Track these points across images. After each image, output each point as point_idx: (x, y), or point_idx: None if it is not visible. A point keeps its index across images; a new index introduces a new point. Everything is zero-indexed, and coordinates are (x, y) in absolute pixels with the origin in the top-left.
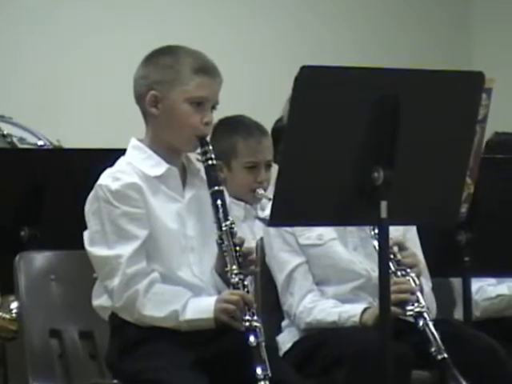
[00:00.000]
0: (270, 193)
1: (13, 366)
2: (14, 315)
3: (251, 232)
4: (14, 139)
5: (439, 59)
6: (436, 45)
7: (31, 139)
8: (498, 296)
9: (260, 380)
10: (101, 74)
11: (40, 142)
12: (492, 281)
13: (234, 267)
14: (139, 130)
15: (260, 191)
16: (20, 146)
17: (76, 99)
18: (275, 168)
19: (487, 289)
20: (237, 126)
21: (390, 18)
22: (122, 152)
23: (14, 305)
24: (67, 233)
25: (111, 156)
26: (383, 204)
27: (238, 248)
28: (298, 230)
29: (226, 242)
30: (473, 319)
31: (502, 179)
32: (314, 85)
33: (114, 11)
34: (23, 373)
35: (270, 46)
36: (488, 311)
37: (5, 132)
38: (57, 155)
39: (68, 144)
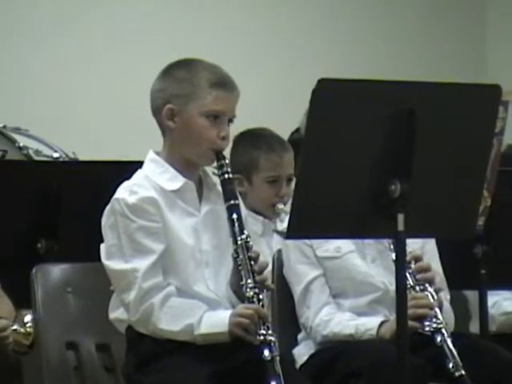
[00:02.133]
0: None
1: (28, 378)
2: (28, 329)
3: (269, 247)
4: (30, 151)
5: (454, 72)
6: (450, 57)
7: (47, 151)
8: None
9: None
10: (117, 87)
11: (56, 155)
12: (507, 295)
13: (249, 281)
14: (155, 142)
15: (280, 206)
16: (36, 158)
17: (92, 112)
18: None
19: (503, 303)
20: (259, 139)
21: (403, 31)
22: (138, 164)
23: (27, 318)
24: (84, 245)
25: (128, 168)
26: (400, 217)
27: (253, 262)
28: (315, 242)
29: (241, 256)
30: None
31: None
32: (331, 97)
33: (130, 25)
34: None
35: (285, 58)
36: (504, 326)
37: (21, 144)
38: (73, 167)
39: (83, 156)
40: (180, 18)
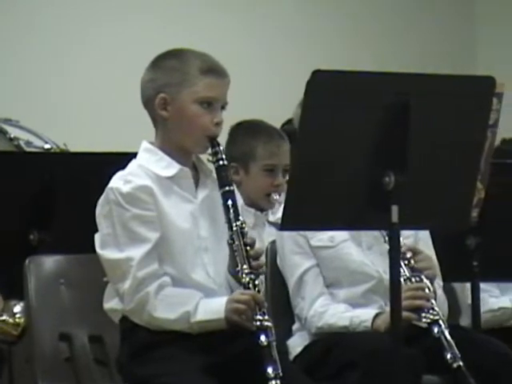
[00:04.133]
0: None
1: (18, 369)
2: (17, 320)
3: (260, 239)
4: (21, 142)
5: (443, 65)
6: (440, 50)
7: (38, 142)
8: (500, 309)
9: (271, 379)
10: (108, 78)
11: (47, 146)
12: (496, 292)
13: (245, 267)
14: (145, 133)
15: (275, 196)
16: (27, 149)
17: (82, 103)
18: None
19: (489, 300)
20: (257, 129)
21: (396, 19)
22: (131, 156)
23: (17, 309)
24: (76, 236)
25: (122, 159)
26: (394, 208)
27: (248, 248)
28: (309, 232)
29: (236, 242)
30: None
31: None
32: (325, 89)
33: (123, 16)
34: (31, 376)
35: (281, 49)
36: (489, 323)
37: (12, 135)
38: (67, 158)
39: (74, 148)
40: (172, 7)
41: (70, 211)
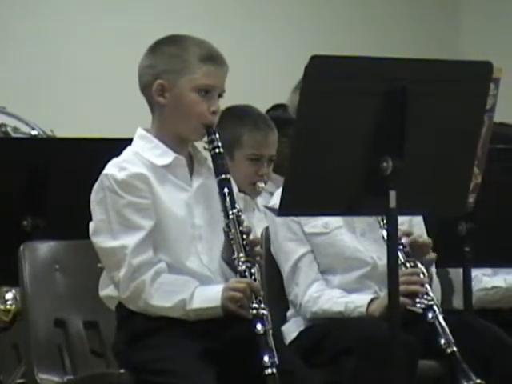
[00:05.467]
0: (269, 187)
1: (4, 354)
2: (8, 306)
3: (250, 224)
4: (8, 129)
5: (427, 44)
6: (424, 36)
7: (25, 129)
8: (494, 288)
9: (267, 368)
10: (95, 64)
11: (34, 132)
12: (488, 271)
13: (241, 255)
14: (133, 120)
15: (261, 184)
16: (14, 135)
17: (69, 89)
18: None
19: (482, 279)
20: (244, 116)
21: (381, 6)
22: (127, 141)
23: (8, 295)
24: (71, 222)
25: (117, 145)
26: (392, 194)
27: (244, 236)
28: (303, 218)
29: (232, 230)
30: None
31: (508, 170)
32: (323, 74)
33: (113, 5)
34: (18, 361)
35: (273, 37)
36: (482, 301)
37: None
38: (61, 144)
39: (61, 134)
40: None
41: (63, 197)
